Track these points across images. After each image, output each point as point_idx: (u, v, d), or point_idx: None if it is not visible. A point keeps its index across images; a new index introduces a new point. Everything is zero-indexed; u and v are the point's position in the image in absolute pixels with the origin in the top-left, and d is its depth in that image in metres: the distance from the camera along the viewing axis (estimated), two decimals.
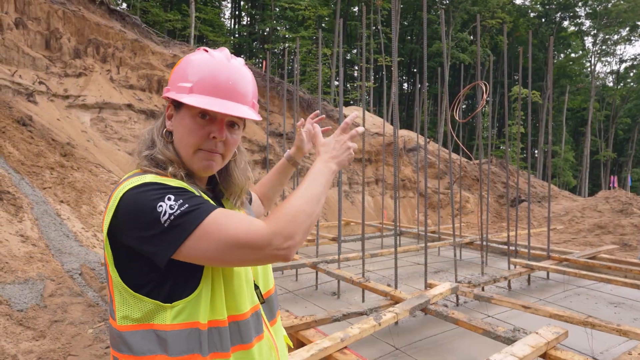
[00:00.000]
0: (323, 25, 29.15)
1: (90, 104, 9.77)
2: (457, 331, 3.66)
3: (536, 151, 34.15)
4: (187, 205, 0.81)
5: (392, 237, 7.88)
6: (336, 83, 25.59)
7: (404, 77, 38.46)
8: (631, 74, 39.46)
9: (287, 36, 27.00)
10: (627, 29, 35.42)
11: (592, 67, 37.69)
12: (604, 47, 37.64)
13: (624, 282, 4.50)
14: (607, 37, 36.53)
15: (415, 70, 37.59)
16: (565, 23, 38.33)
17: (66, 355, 3.32)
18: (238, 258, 0.83)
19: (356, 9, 33.37)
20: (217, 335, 0.89)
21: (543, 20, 37.47)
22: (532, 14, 37.40)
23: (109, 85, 10.51)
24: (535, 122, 35.55)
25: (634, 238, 8.35)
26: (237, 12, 35.87)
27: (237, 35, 33.45)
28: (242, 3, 34.94)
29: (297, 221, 0.85)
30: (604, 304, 4.59)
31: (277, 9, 27.27)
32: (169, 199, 0.81)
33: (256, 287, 1.03)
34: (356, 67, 34.27)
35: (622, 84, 40.23)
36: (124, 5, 24.89)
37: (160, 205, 0.80)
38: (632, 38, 36.31)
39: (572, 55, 39.09)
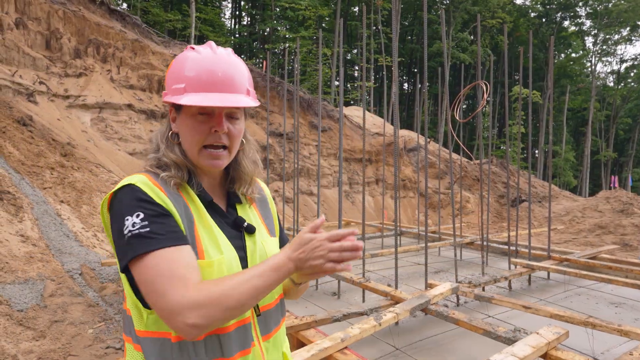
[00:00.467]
0: (323, 25, 29.16)
1: (91, 104, 9.77)
2: (457, 331, 3.66)
3: (537, 151, 34.14)
4: (147, 229, 0.82)
5: (393, 237, 7.88)
6: (336, 83, 25.58)
7: (405, 77, 38.46)
8: (632, 74, 39.43)
9: (287, 36, 27.00)
10: (628, 28, 35.41)
11: (593, 67, 37.70)
12: (604, 47, 37.63)
13: (624, 282, 4.49)
14: (607, 37, 36.51)
15: (415, 70, 37.61)
16: (566, 23, 38.31)
17: (66, 355, 3.32)
18: (152, 304, 0.82)
19: (356, 9, 33.38)
20: (191, 348, 0.88)
21: (543, 20, 37.45)
22: (532, 14, 37.39)
23: (109, 85, 10.51)
24: (535, 122, 35.54)
25: (634, 238, 8.34)
26: (237, 12, 35.90)
27: (237, 35, 33.47)
28: (242, 3, 34.96)
29: (222, 306, 0.80)
30: (604, 304, 4.58)
31: (278, 9, 27.28)
32: (137, 215, 0.84)
33: None
34: (356, 67, 34.28)
35: (622, 84, 40.20)
36: (125, 5, 24.91)
37: (127, 219, 0.83)
38: (632, 38, 36.29)
39: (573, 55, 39.08)
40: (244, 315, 0.94)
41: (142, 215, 0.84)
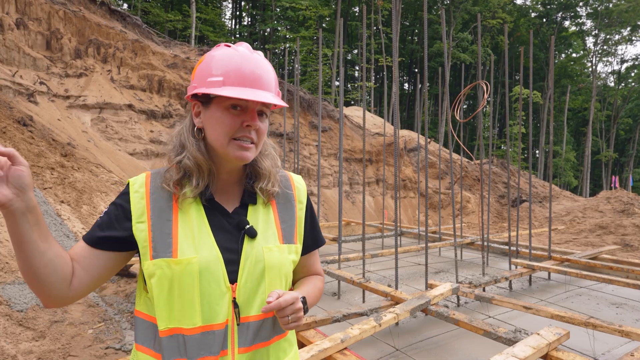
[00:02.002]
0: (324, 25, 29.16)
1: (91, 104, 9.77)
2: (457, 332, 3.65)
3: (537, 151, 34.14)
4: (98, 222, 0.96)
5: (393, 237, 7.87)
6: (337, 83, 25.59)
7: (405, 77, 38.46)
8: (632, 74, 39.43)
9: (287, 36, 27.02)
10: (629, 28, 35.41)
11: (593, 67, 37.66)
12: (605, 47, 37.62)
13: (625, 283, 4.47)
14: (608, 37, 36.50)
15: (416, 70, 37.62)
16: (567, 23, 38.31)
17: (66, 356, 3.32)
18: None
19: (357, 9, 33.38)
20: (159, 340, 0.91)
21: (544, 20, 37.44)
22: (533, 14, 37.39)
23: (110, 85, 10.51)
24: (536, 122, 35.55)
25: (635, 238, 8.32)
26: (237, 13, 35.93)
27: (237, 36, 33.49)
28: (242, 3, 34.99)
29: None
30: (605, 304, 4.57)
31: (278, 9, 27.30)
32: (108, 209, 0.97)
33: (237, 305, 0.93)
34: (357, 67, 34.29)
35: (623, 84, 40.19)
36: (125, 5, 24.94)
37: (105, 208, 0.99)
38: (633, 38, 36.27)
39: (573, 55, 39.07)
40: (216, 321, 0.91)
41: (104, 216, 0.97)
